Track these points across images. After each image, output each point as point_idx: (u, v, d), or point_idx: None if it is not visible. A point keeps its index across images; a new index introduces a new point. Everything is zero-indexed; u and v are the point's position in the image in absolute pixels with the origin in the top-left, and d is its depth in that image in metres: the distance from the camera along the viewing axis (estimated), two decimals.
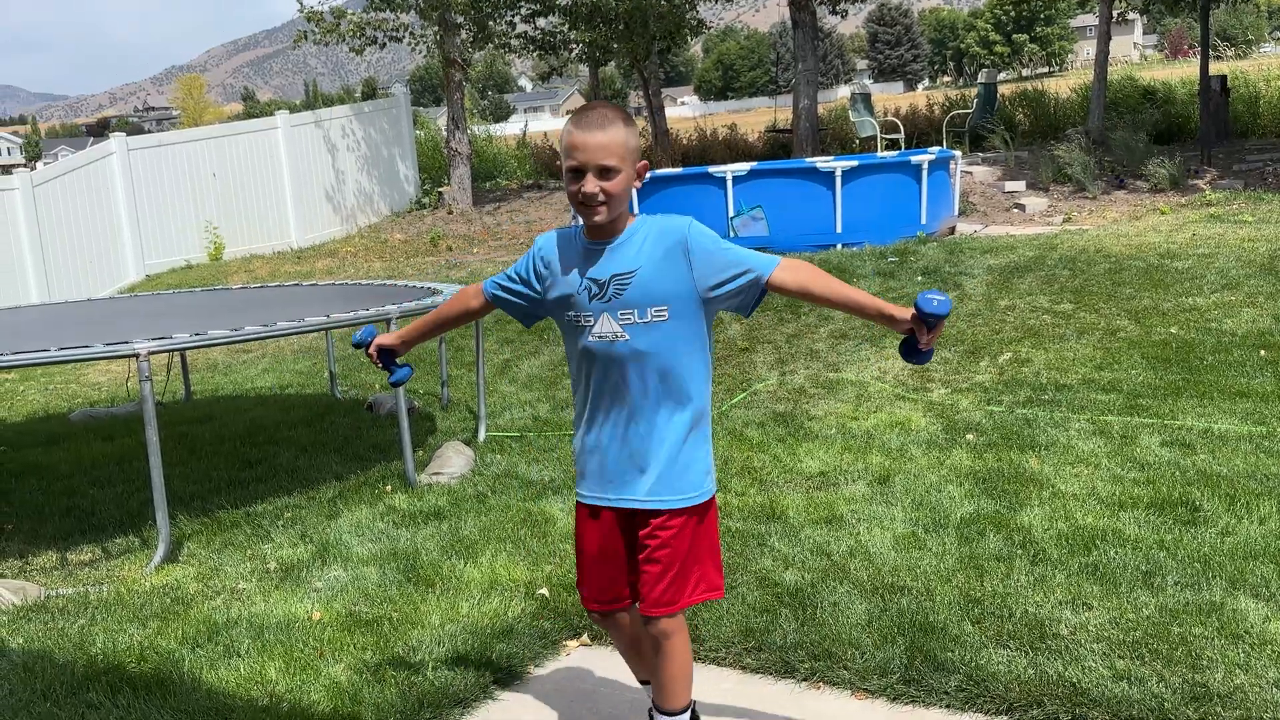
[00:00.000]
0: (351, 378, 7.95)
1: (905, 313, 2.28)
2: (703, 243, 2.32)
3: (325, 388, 7.70)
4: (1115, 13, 16.62)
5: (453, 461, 5.24)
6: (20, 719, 2.95)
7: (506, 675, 3.15)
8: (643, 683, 2.68)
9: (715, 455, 5.06)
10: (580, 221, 2.41)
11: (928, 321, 2.24)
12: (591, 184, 2.27)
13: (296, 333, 4.73)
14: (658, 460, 2.37)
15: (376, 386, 7.54)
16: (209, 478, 5.39)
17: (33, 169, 14.19)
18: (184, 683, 3.13)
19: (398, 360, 2.79)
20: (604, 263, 2.35)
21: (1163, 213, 11.22)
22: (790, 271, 2.33)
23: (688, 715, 2.48)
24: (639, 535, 2.41)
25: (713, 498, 2.45)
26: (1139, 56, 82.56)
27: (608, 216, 2.31)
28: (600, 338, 2.35)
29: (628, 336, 2.33)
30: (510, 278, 2.54)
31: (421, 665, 3.15)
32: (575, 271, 2.38)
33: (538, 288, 2.46)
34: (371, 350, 2.75)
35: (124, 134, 15.15)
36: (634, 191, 2.39)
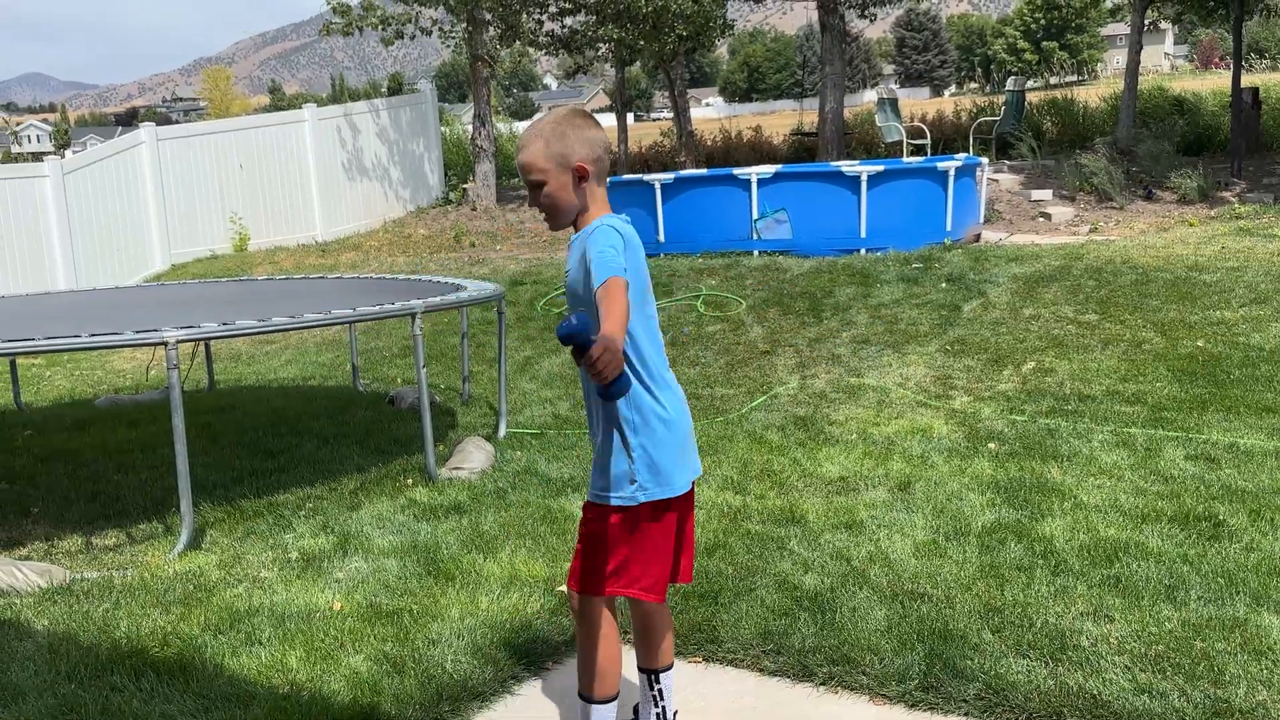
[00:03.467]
0: (373, 371, 7.99)
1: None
2: (591, 249, 2.33)
3: (348, 380, 7.74)
4: (1147, 22, 16.50)
5: (473, 457, 5.27)
6: (45, 700, 2.99)
7: (525, 670, 3.17)
8: (640, 670, 2.71)
9: (734, 458, 5.09)
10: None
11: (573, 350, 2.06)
12: (531, 199, 2.48)
13: (323, 324, 4.77)
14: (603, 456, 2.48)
15: (399, 380, 7.58)
16: (232, 467, 5.44)
17: (62, 157, 14.32)
18: (206, 669, 3.16)
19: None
20: (568, 258, 2.53)
21: (1191, 224, 11.14)
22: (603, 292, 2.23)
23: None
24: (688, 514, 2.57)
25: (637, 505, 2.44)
26: (1169, 67, 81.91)
27: (555, 223, 2.49)
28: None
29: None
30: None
31: (441, 658, 3.17)
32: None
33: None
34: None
35: (153, 124, 15.27)
36: (576, 188, 2.41)
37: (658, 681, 2.67)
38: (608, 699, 2.53)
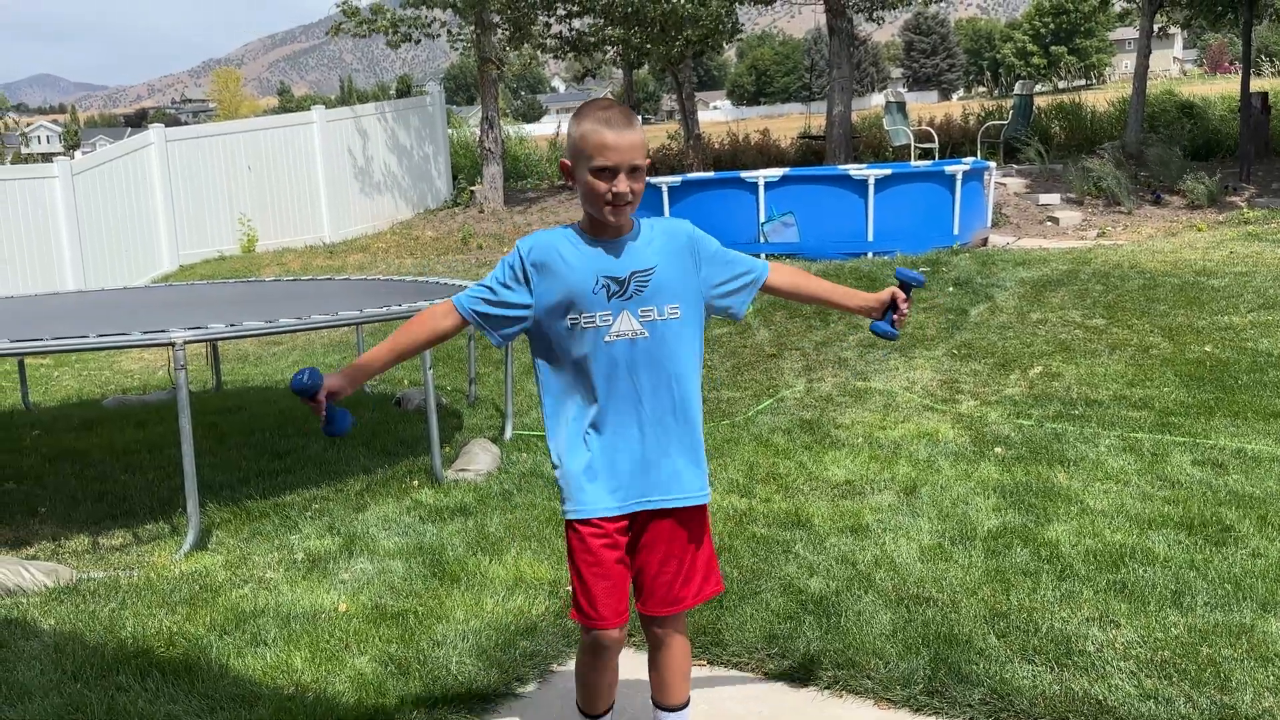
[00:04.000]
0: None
1: (884, 294, 2.60)
2: (707, 243, 2.45)
3: None
4: (1156, 27, 16.47)
5: (479, 459, 5.27)
6: (51, 699, 2.99)
7: (530, 673, 3.17)
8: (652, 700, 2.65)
9: (740, 461, 5.08)
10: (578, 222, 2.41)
11: (907, 291, 2.59)
12: (624, 183, 2.25)
13: (330, 326, 4.78)
14: (683, 458, 2.42)
15: (405, 382, 7.59)
16: (238, 467, 5.45)
17: (72, 158, 14.38)
18: (211, 669, 3.17)
19: (338, 401, 2.43)
20: (623, 260, 2.33)
21: (1199, 229, 11.11)
22: (782, 274, 2.58)
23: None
24: (668, 533, 2.43)
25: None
26: (1179, 71, 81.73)
27: (627, 215, 2.33)
28: (620, 335, 2.32)
29: (647, 334, 2.34)
30: (492, 290, 2.36)
31: (446, 660, 3.17)
32: (587, 270, 2.31)
33: (528, 296, 2.33)
34: (320, 397, 2.37)
35: (162, 125, 15.33)
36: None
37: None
38: (595, 715, 2.54)
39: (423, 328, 2.43)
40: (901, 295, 2.58)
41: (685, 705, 2.59)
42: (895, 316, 2.59)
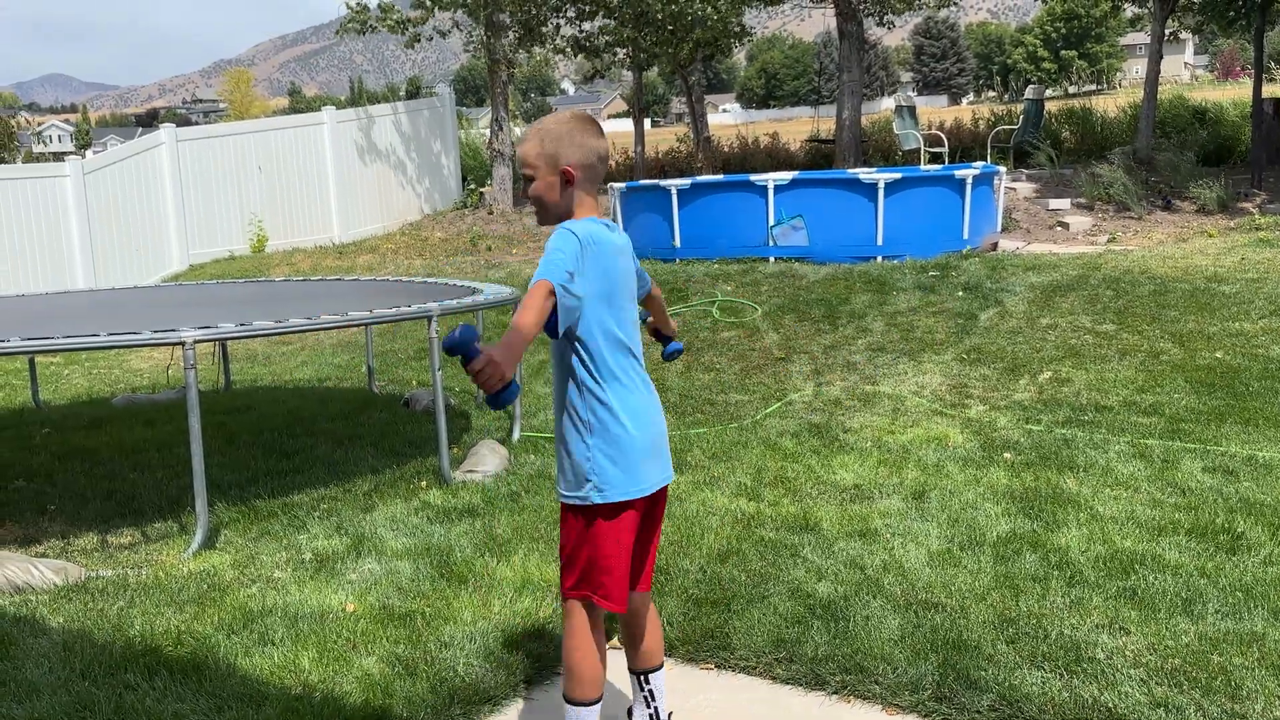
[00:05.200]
0: (389, 373, 8.01)
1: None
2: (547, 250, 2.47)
3: (363, 382, 7.76)
4: (1167, 32, 16.42)
5: (487, 460, 5.27)
6: (59, 696, 3.00)
7: (537, 675, 3.16)
8: (630, 671, 2.73)
9: (749, 464, 5.08)
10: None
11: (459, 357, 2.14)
12: (526, 189, 2.58)
13: (339, 326, 4.78)
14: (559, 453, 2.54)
15: (414, 383, 7.60)
16: (247, 467, 5.46)
17: (83, 157, 14.43)
18: (219, 668, 3.17)
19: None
20: None
21: (1210, 235, 11.07)
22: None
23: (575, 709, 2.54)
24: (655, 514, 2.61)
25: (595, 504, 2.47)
26: (1190, 77, 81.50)
27: (542, 220, 2.59)
28: None
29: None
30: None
31: (453, 661, 3.17)
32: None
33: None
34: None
35: (173, 125, 15.37)
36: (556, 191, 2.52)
37: (648, 682, 2.70)
38: (586, 701, 2.52)
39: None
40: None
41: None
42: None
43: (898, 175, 10.29)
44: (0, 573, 3.88)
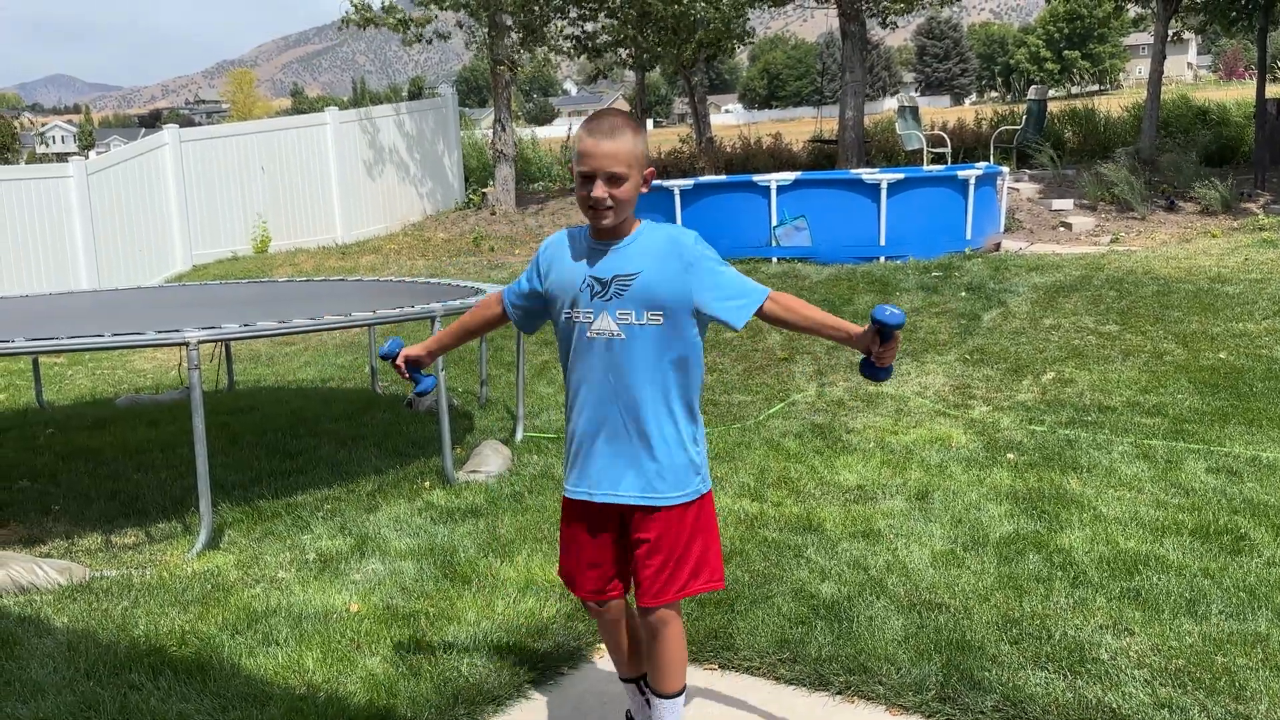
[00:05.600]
0: (392, 374, 8.02)
1: (868, 329, 2.41)
2: (705, 259, 2.43)
3: (366, 382, 7.77)
4: (1170, 32, 16.40)
5: (490, 460, 5.27)
6: (64, 696, 3.00)
7: (540, 675, 3.17)
8: (624, 679, 2.77)
9: (752, 465, 5.08)
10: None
11: (883, 332, 2.35)
12: (600, 189, 2.38)
13: (343, 327, 4.79)
14: (650, 458, 2.46)
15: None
16: (251, 467, 5.46)
17: (87, 158, 14.44)
18: (223, 668, 3.17)
19: (423, 371, 2.84)
20: (607, 262, 2.46)
21: (1213, 236, 11.06)
22: (779, 302, 2.47)
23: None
24: (634, 530, 2.50)
25: (707, 494, 2.57)
26: (1193, 77, 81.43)
27: (614, 220, 2.42)
28: (598, 334, 2.45)
29: (623, 335, 2.43)
30: (520, 283, 2.64)
31: (457, 661, 3.17)
32: (579, 269, 2.48)
33: (540, 289, 2.56)
34: (399, 362, 2.80)
35: (176, 126, 15.39)
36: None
37: (645, 689, 2.74)
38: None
39: (479, 313, 2.78)
40: (876, 341, 2.39)
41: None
42: (876, 354, 2.40)
43: (901, 176, 10.29)
44: (5, 573, 3.89)
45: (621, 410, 2.45)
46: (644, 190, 2.48)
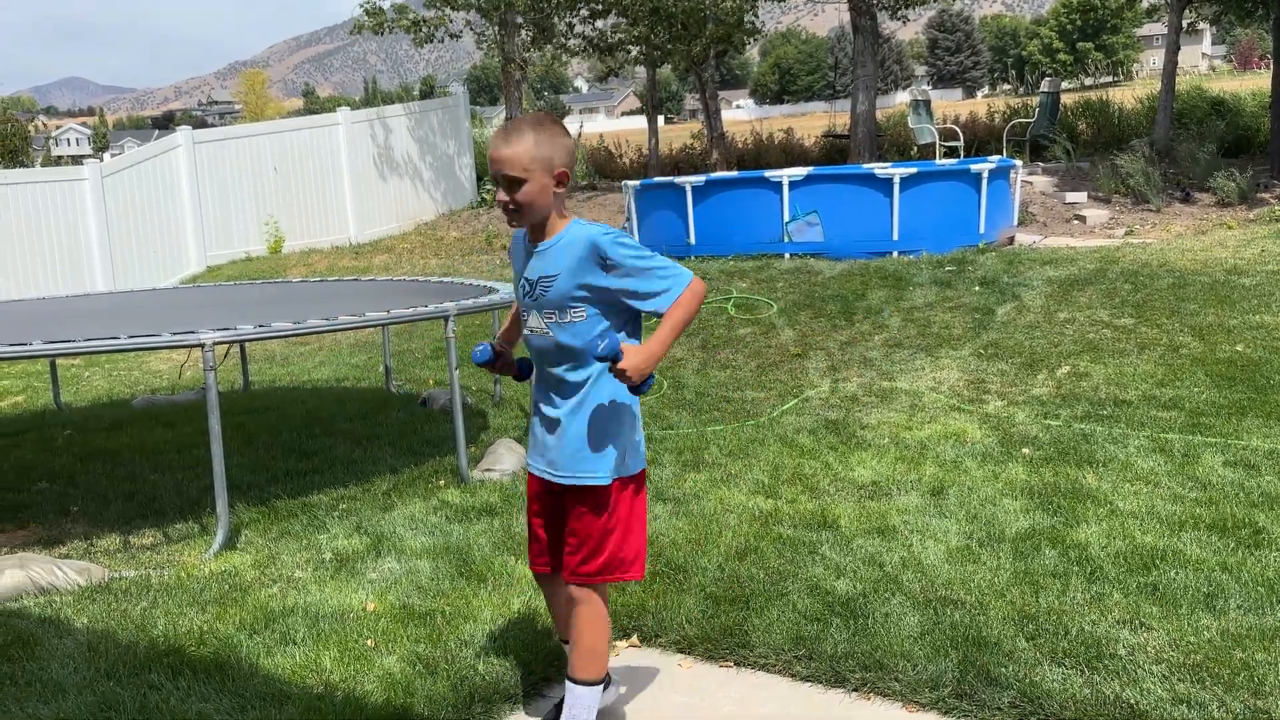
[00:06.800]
0: (406, 373, 8.04)
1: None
2: (622, 257, 2.48)
3: (380, 382, 7.80)
4: (1185, 23, 16.29)
5: (505, 459, 5.29)
6: (85, 696, 3.03)
7: (557, 673, 3.17)
8: (563, 641, 2.94)
9: (766, 461, 5.08)
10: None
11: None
12: (502, 195, 2.52)
13: (357, 327, 4.80)
14: (566, 441, 2.62)
15: (431, 382, 7.63)
16: (266, 467, 5.49)
17: (101, 160, 14.53)
18: (241, 668, 3.19)
19: (515, 359, 2.89)
20: (534, 263, 2.61)
21: (1230, 227, 10.98)
22: (694, 293, 2.52)
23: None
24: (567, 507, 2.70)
25: (626, 479, 2.65)
26: (1207, 67, 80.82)
27: (522, 222, 2.57)
28: (532, 331, 2.66)
29: (550, 333, 2.60)
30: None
31: (473, 659, 3.18)
32: (520, 270, 2.68)
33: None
34: (499, 365, 2.84)
35: (189, 127, 15.46)
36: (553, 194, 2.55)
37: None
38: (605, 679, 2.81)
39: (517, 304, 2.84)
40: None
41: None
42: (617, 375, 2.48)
43: (913, 170, 10.26)
44: (25, 574, 3.92)
45: (545, 396, 2.67)
46: (558, 190, 2.53)
